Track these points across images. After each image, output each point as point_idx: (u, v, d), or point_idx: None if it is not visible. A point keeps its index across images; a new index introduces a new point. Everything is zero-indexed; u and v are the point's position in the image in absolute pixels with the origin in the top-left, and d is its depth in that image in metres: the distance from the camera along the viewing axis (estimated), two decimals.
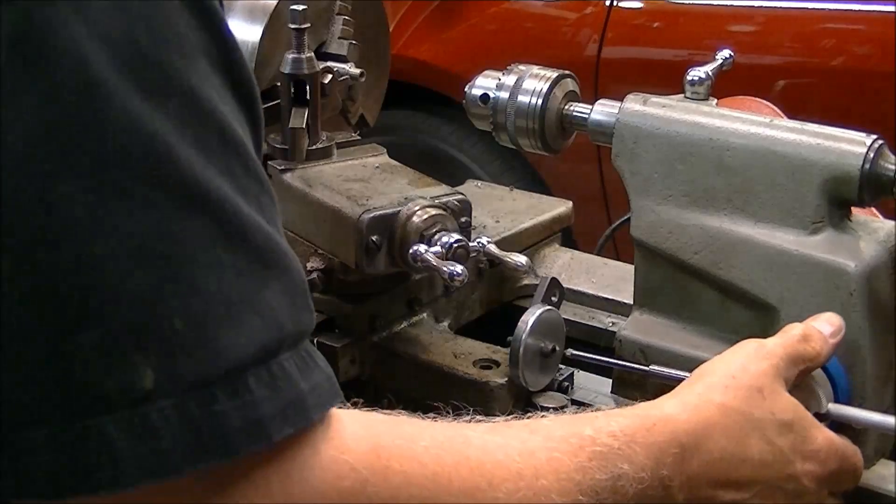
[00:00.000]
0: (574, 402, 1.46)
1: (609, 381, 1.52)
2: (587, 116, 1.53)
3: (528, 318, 1.40)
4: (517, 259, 1.43)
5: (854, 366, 1.33)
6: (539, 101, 1.55)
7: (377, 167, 1.53)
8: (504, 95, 1.57)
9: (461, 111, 1.65)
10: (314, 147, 1.53)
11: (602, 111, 1.51)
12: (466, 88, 1.62)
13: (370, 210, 1.39)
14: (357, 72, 1.61)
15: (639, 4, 3.63)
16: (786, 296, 1.36)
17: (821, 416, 1.27)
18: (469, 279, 1.34)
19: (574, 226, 1.89)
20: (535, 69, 1.58)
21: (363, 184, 1.47)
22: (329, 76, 1.58)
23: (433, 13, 3.86)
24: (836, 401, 1.29)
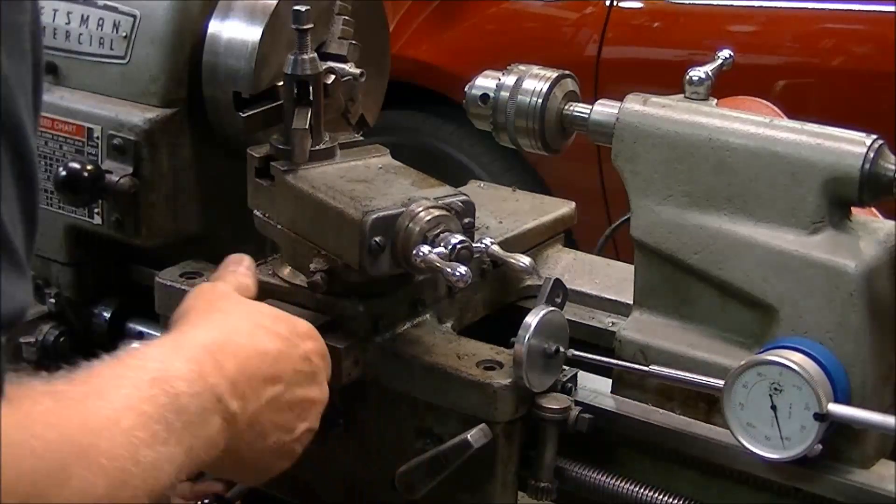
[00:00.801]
0: (577, 404, 1.46)
1: (609, 382, 1.52)
2: (587, 116, 1.53)
3: (532, 320, 1.40)
4: (521, 260, 1.42)
5: (854, 366, 1.33)
6: (539, 101, 1.55)
7: (380, 168, 1.53)
8: (504, 95, 1.57)
9: (461, 111, 1.65)
10: (317, 148, 1.52)
11: (602, 111, 1.51)
12: (466, 88, 1.62)
13: (374, 211, 1.39)
14: (358, 72, 1.61)
15: (639, 4, 3.63)
16: (786, 296, 1.36)
17: (821, 416, 1.27)
18: (472, 280, 1.34)
19: (574, 226, 1.89)
20: (535, 69, 1.58)
21: (366, 184, 1.47)
22: (332, 77, 1.57)
23: (433, 13, 3.87)
24: (836, 401, 1.29)
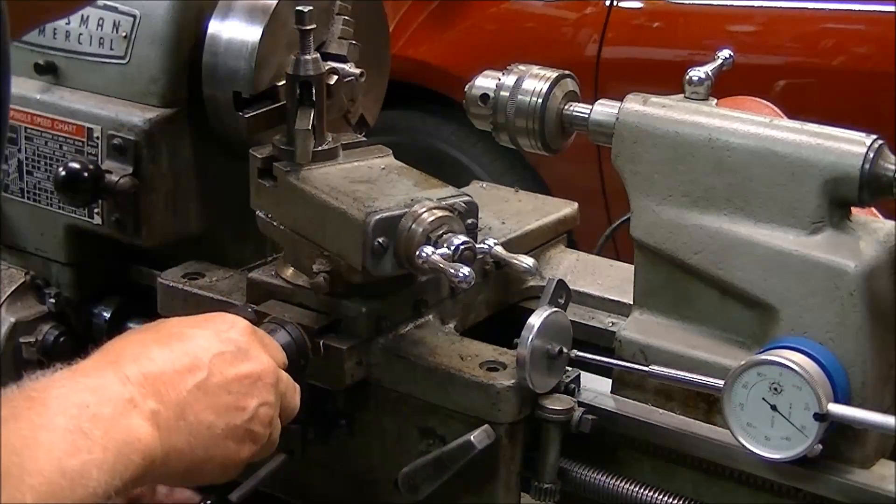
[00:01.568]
0: (581, 405, 1.46)
1: (610, 382, 1.52)
2: (587, 116, 1.53)
3: (536, 321, 1.40)
4: (524, 261, 1.42)
5: (854, 366, 1.33)
6: (539, 101, 1.55)
7: (383, 168, 1.53)
8: (504, 95, 1.57)
9: (461, 111, 1.65)
10: (320, 148, 1.52)
11: (602, 111, 1.51)
12: (466, 88, 1.62)
13: (376, 212, 1.38)
14: (359, 72, 1.61)
15: (639, 4, 3.63)
16: (786, 296, 1.36)
17: (821, 416, 1.27)
18: (475, 281, 1.34)
19: (575, 226, 1.88)
20: (535, 69, 1.58)
21: (369, 185, 1.47)
22: (335, 77, 1.57)
23: (433, 13, 3.87)
24: (836, 401, 1.29)
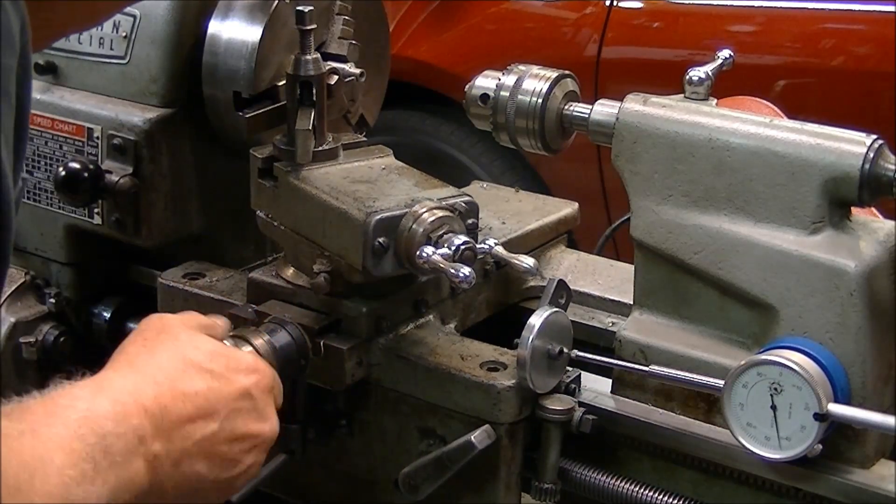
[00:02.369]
0: (581, 405, 1.45)
1: (610, 382, 1.52)
2: (587, 116, 1.53)
3: (536, 321, 1.40)
4: (525, 261, 1.42)
5: (854, 366, 1.33)
6: (539, 101, 1.55)
7: (383, 168, 1.53)
8: (504, 95, 1.57)
9: (461, 111, 1.65)
10: (320, 148, 1.52)
11: (602, 111, 1.51)
12: (466, 88, 1.62)
13: (377, 212, 1.38)
14: (359, 72, 1.61)
15: (639, 4, 3.63)
16: (786, 296, 1.36)
17: (821, 416, 1.27)
18: (476, 281, 1.34)
19: (575, 226, 1.88)
20: (535, 69, 1.58)
21: (370, 185, 1.47)
22: (335, 77, 1.57)
23: (433, 13, 3.86)
24: (836, 401, 1.29)
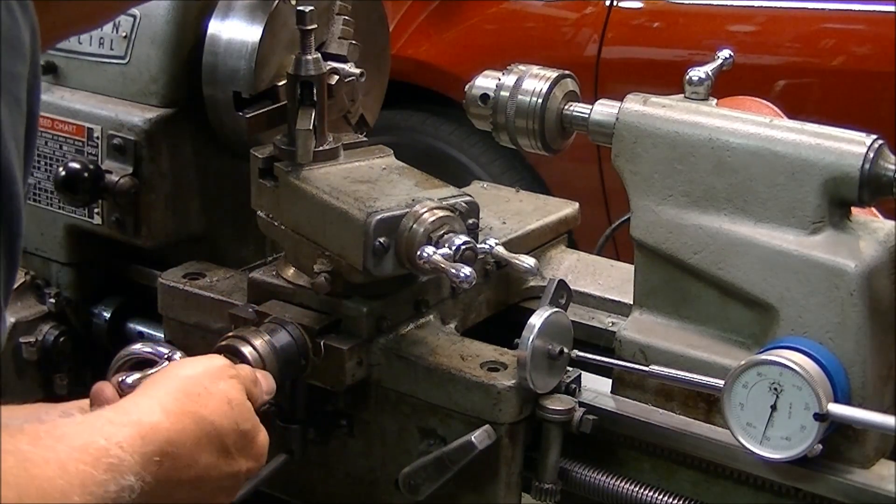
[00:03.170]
0: (581, 405, 1.45)
1: (610, 382, 1.52)
2: (587, 116, 1.53)
3: (537, 321, 1.40)
4: (525, 261, 1.42)
5: (854, 366, 1.33)
6: (539, 101, 1.55)
7: (384, 168, 1.53)
8: (504, 95, 1.57)
9: (461, 111, 1.65)
10: (321, 148, 1.52)
11: (602, 111, 1.51)
12: (466, 88, 1.62)
13: (377, 212, 1.38)
14: (359, 72, 1.61)
15: (639, 4, 3.63)
16: (786, 296, 1.36)
17: (821, 416, 1.27)
18: (476, 281, 1.34)
19: (575, 226, 1.88)
20: (535, 69, 1.58)
21: (370, 185, 1.47)
22: (335, 77, 1.57)
23: (433, 13, 3.86)
24: (836, 401, 1.29)
